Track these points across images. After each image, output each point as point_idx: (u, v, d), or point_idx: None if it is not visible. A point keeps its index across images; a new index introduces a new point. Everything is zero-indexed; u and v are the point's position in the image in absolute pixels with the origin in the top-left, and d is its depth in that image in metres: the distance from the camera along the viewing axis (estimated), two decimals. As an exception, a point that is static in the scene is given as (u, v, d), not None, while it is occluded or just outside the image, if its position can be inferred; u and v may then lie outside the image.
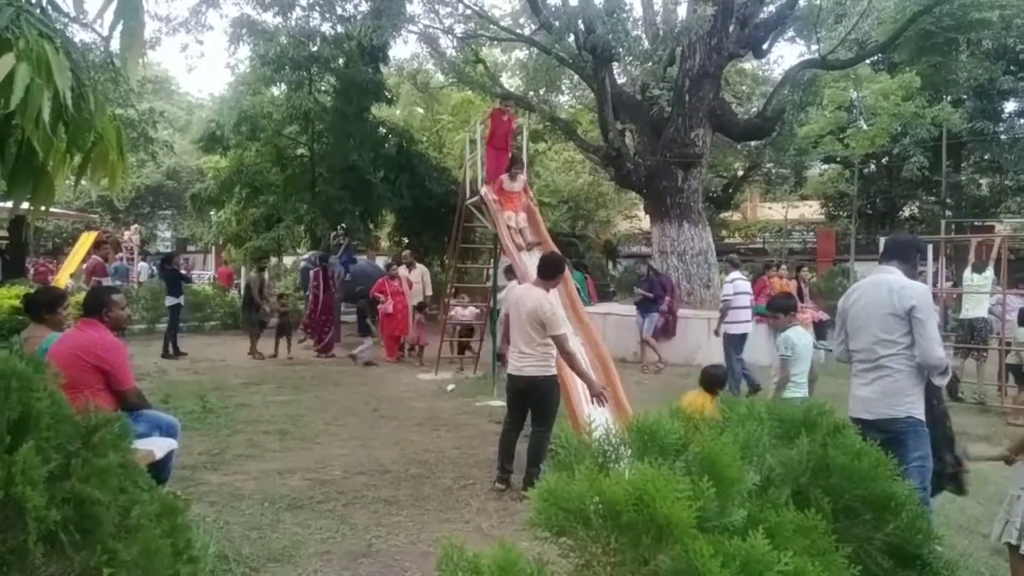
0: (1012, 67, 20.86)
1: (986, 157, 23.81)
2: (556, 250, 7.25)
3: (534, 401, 5.41)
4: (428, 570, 3.86)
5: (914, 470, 3.56)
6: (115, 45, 2.50)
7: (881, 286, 3.79)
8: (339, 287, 13.31)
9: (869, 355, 3.76)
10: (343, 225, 16.58)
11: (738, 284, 9.27)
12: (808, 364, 5.36)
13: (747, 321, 9.19)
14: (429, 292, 13.06)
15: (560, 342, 5.25)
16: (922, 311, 3.63)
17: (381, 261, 15.87)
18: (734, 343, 9.06)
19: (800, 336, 5.42)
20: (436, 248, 19.27)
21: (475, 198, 10.31)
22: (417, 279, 12.83)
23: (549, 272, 5.56)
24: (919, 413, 3.67)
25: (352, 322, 14.90)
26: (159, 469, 4.21)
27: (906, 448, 3.57)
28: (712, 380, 5.43)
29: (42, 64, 2.30)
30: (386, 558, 4.16)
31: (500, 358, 7.97)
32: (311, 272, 13.02)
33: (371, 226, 19.42)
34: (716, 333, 9.52)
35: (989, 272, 9.55)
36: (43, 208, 2.84)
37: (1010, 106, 23.38)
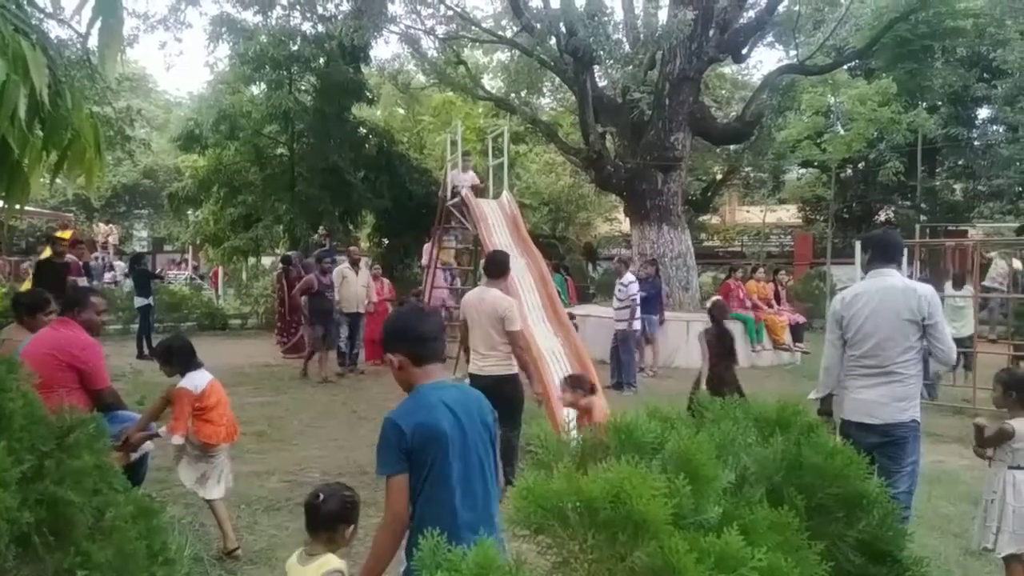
0: (985, 74, 21.20)
1: (960, 163, 24.18)
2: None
3: (499, 401, 5.36)
4: (407, 571, 3.85)
5: (908, 474, 3.60)
6: (93, 42, 2.48)
7: (892, 292, 3.68)
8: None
9: (879, 360, 3.66)
10: (323, 226, 16.49)
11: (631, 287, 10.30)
12: None
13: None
14: (374, 298, 11.75)
15: (516, 338, 5.24)
16: (937, 315, 3.62)
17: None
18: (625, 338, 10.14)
19: None
20: (416, 249, 19.24)
21: (455, 199, 10.31)
22: (364, 281, 11.57)
23: (496, 270, 5.58)
24: (919, 416, 3.70)
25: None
26: (134, 471, 4.17)
27: (905, 451, 3.60)
28: None
29: (18, 60, 2.27)
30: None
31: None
32: (273, 274, 12.75)
33: (351, 227, 19.33)
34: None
35: (968, 289, 9.64)
36: (18, 206, 2.80)
37: (983, 113, 23.74)
